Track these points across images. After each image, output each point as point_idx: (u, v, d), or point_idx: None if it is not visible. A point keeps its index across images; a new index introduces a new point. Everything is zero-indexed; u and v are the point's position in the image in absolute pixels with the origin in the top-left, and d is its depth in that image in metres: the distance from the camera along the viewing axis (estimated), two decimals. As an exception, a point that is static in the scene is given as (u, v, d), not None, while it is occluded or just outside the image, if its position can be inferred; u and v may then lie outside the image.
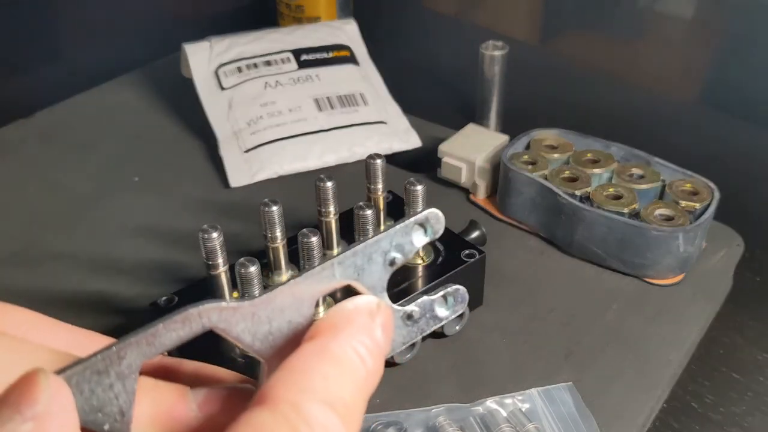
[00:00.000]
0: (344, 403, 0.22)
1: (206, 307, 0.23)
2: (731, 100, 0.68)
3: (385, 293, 0.26)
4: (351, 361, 0.23)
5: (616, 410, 0.40)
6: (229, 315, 0.23)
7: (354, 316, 0.24)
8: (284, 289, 0.24)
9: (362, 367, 0.23)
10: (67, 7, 0.76)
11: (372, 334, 0.24)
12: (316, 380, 0.22)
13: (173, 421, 0.24)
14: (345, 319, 0.24)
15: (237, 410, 0.21)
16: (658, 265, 0.48)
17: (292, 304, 0.24)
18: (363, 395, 0.23)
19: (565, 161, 0.54)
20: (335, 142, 0.62)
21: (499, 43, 0.64)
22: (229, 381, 0.27)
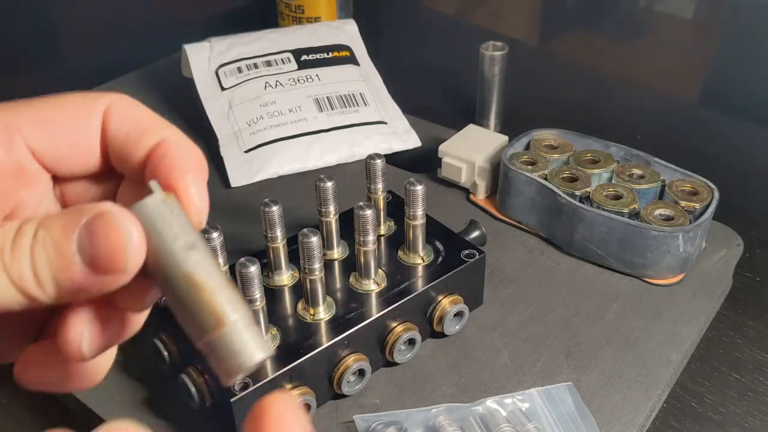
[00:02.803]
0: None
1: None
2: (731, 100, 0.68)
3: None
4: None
5: (616, 410, 0.40)
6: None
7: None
8: None
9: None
10: (67, 7, 0.76)
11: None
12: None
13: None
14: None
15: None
16: (658, 265, 0.48)
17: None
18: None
19: (565, 161, 0.54)
20: (335, 142, 0.62)
21: (499, 43, 0.64)
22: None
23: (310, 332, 0.40)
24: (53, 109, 0.25)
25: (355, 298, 0.42)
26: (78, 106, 0.25)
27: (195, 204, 0.24)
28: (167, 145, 0.25)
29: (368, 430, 0.39)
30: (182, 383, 0.38)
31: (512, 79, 0.65)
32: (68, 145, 0.25)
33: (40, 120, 0.25)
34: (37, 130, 0.24)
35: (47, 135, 0.25)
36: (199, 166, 0.25)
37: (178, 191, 0.24)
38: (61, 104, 0.25)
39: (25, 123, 0.24)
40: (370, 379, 0.41)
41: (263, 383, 0.37)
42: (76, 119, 0.25)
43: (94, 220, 0.21)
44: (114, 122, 0.25)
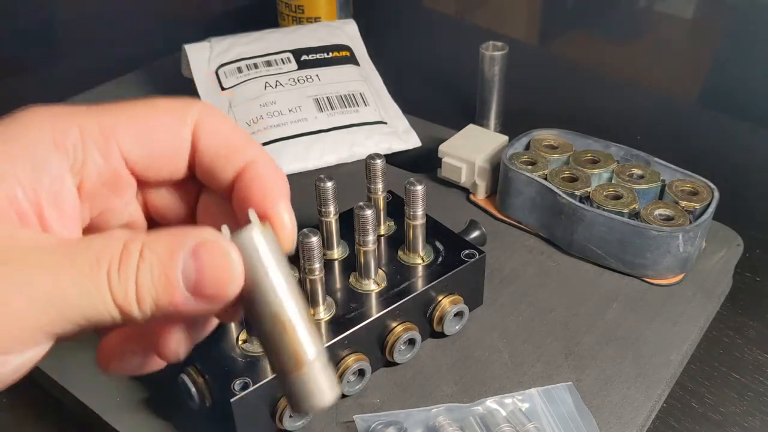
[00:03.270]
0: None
1: None
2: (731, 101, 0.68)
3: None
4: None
5: (616, 410, 0.40)
6: None
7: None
8: None
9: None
10: (67, 7, 0.76)
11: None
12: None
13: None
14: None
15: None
16: (658, 265, 0.48)
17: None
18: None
19: (565, 161, 0.54)
20: (335, 142, 0.62)
21: (499, 43, 0.64)
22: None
23: (310, 332, 0.40)
24: (148, 116, 0.25)
25: (355, 298, 0.42)
26: (171, 115, 0.25)
27: (288, 232, 0.25)
28: (257, 168, 0.25)
29: (368, 430, 0.39)
30: (182, 383, 0.38)
31: (512, 79, 0.65)
32: (161, 154, 0.25)
33: (136, 128, 0.25)
34: (134, 139, 0.25)
35: (142, 143, 0.25)
36: (286, 191, 0.25)
37: (273, 219, 0.24)
38: (155, 111, 0.25)
39: (122, 130, 0.25)
40: (370, 379, 0.41)
41: (263, 383, 0.37)
42: (170, 129, 0.25)
43: (201, 247, 0.22)
44: (205, 136, 0.26)
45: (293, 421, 0.38)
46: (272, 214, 0.24)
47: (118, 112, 0.25)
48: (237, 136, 0.26)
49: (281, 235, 0.24)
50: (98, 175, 0.25)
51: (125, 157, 0.25)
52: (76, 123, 0.24)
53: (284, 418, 0.38)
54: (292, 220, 0.25)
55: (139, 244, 0.22)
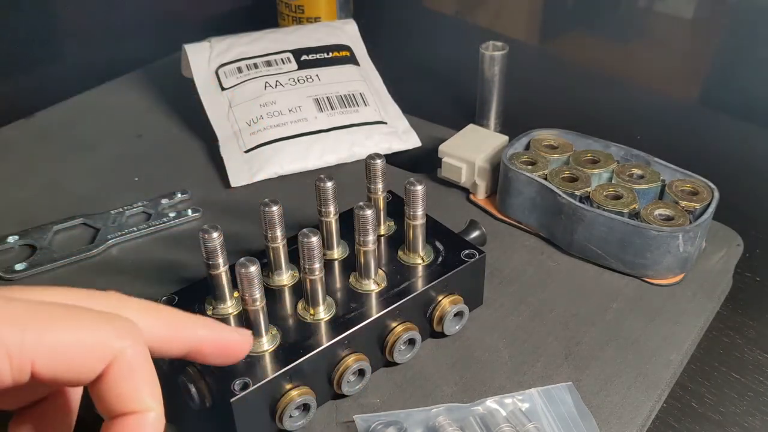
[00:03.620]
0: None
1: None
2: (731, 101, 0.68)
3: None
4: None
5: (616, 410, 0.40)
6: None
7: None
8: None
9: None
10: (67, 7, 0.76)
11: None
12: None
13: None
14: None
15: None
16: (658, 265, 0.48)
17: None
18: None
19: (565, 161, 0.54)
20: (335, 142, 0.62)
21: (499, 43, 0.64)
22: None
23: (310, 332, 0.40)
24: (72, 344, 0.26)
25: (355, 298, 0.42)
26: (93, 343, 0.26)
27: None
28: (141, 427, 0.27)
29: (368, 430, 0.39)
30: (182, 383, 0.38)
31: (512, 79, 0.65)
32: (69, 379, 0.26)
33: (55, 352, 0.25)
34: (49, 363, 0.25)
35: (57, 371, 0.26)
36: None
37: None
38: (77, 331, 0.26)
39: (41, 354, 0.25)
40: (370, 379, 0.41)
41: (263, 383, 0.37)
42: (85, 359, 0.26)
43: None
44: (113, 378, 0.27)
45: (293, 421, 0.38)
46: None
47: (44, 326, 0.25)
48: (140, 384, 0.27)
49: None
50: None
51: (34, 372, 0.25)
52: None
53: (284, 418, 0.38)
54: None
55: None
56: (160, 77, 0.75)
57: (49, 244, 0.53)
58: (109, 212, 0.56)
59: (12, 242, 0.53)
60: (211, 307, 0.42)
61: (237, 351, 0.34)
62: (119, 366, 0.27)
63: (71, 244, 0.53)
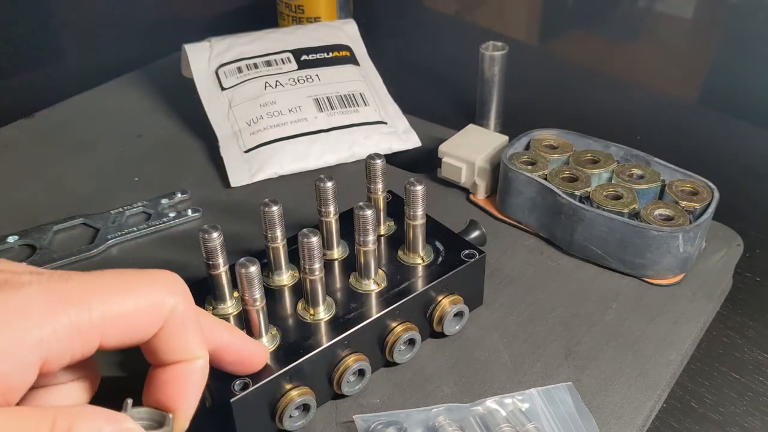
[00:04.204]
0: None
1: None
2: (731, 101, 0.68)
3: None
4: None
5: (616, 410, 0.40)
6: None
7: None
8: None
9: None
10: (68, 7, 0.76)
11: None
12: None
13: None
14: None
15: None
16: (658, 265, 0.48)
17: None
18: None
19: (565, 161, 0.54)
20: (335, 142, 0.62)
21: (499, 43, 0.64)
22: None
23: (310, 332, 0.40)
24: (132, 309, 0.27)
25: (355, 298, 0.42)
26: (150, 307, 0.28)
27: (183, 428, 0.30)
28: (189, 370, 0.29)
29: (368, 430, 0.39)
30: (182, 383, 0.38)
31: (512, 79, 0.65)
32: (131, 342, 0.28)
33: (120, 323, 0.27)
34: (116, 333, 0.27)
35: (122, 336, 0.27)
36: (200, 391, 0.30)
37: (178, 415, 0.29)
38: (138, 302, 0.28)
39: (109, 326, 0.27)
40: (370, 379, 0.41)
41: (263, 383, 0.37)
42: (146, 323, 0.28)
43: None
44: (167, 330, 0.28)
45: (293, 422, 0.38)
46: (180, 412, 0.29)
47: (106, 300, 0.27)
48: (191, 336, 0.29)
49: (175, 426, 0.29)
50: (69, 359, 0.26)
51: (101, 345, 0.27)
52: (67, 314, 0.25)
53: (284, 419, 0.38)
54: (188, 419, 0.30)
55: (67, 424, 0.24)
56: (160, 77, 0.75)
57: (49, 244, 0.53)
58: (109, 212, 0.56)
59: (12, 242, 0.53)
60: (211, 308, 0.42)
61: (255, 362, 0.35)
62: (173, 322, 0.28)
63: (71, 244, 0.53)
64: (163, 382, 0.29)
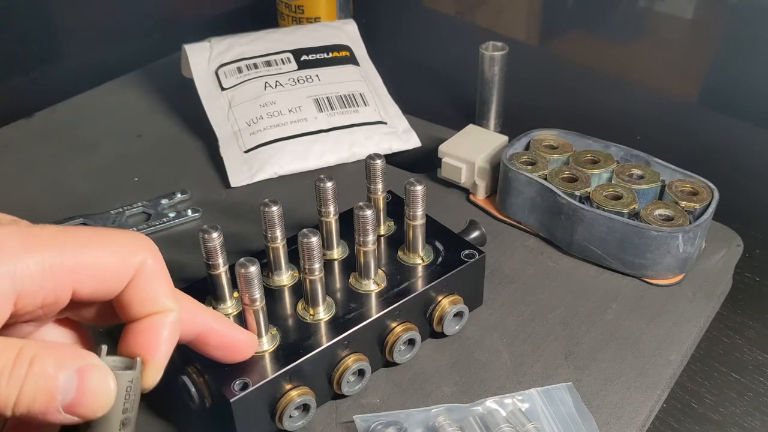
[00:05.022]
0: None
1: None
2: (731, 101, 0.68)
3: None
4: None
5: (616, 410, 0.40)
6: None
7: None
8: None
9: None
10: (68, 8, 0.76)
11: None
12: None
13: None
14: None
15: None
16: (658, 266, 0.48)
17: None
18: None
19: (565, 161, 0.54)
20: (335, 143, 0.62)
21: (499, 44, 0.64)
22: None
23: (309, 332, 0.40)
24: (104, 257, 0.28)
25: (355, 298, 0.42)
26: (123, 258, 0.29)
27: (152, 378, 0.29)
28: (161, 325, 0.29)
29: (368, 430, 0.39)
30: (182, 383, 0.38)
31: (512, 79, 0.65)
32: (104, 291, 0.28)
33: (92, 269, 0.28)
34: (88, 279, 0.28)
35: (94, 283, 0.28)
36: (172, 344, 0.30)
37: (148, 365, 0.29)
38: (109, 252, 0.28)
39: (81, 270, 0.27)
40: (370, 380, 0.41)
41: (263, 383, 0.37)
42: (118, 272, 0.28)
43: (86, 371, 0.25)
44: (138, 281, 0.29)
45: (293, 422, 0.38)
46: (151, 363, 0.29)
47: (79, 248, 0.27)
48: (161, 289, 0.30)
49: (146, 376, 0.29)
50: (42, 299, 0.27)
51: (75, 293, 0.27)
52: (40, 254, 0.26)
53: (284, 419, 0.38)
54: (160, 370, 0.29)
55: (31, 354, 0.24)
56: (160, 77, 0.75)
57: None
58: (109, 212, 0.56)
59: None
60: (211, 307, 0.42)
61: (241, 350, 0.35)
62: (142, 274, 0.29)
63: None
64: (135, 333, 0.29)
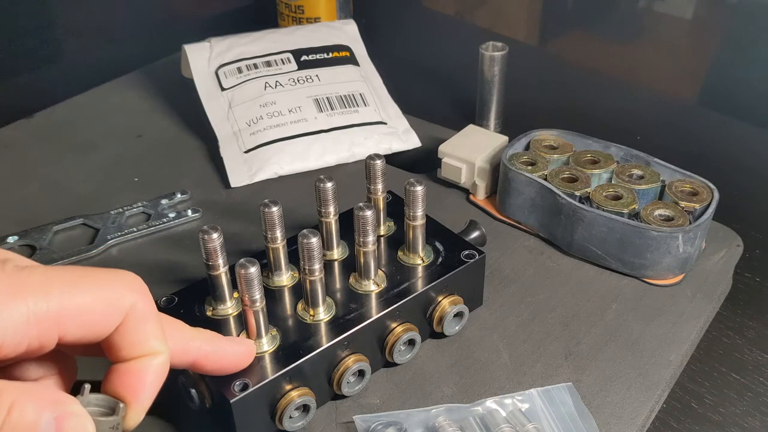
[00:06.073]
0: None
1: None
2: (731, 101, 0.68)
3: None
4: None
5: (616, 410, 0.40)
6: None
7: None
8: None
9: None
10: (67, 8, 0.76)
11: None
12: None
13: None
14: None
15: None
16: (658, 266, 0.48)
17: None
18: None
19: (565, 162, 0.54)
20: (335, 143, 0.62)
21: (499, 44, 0.64)
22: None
23: (309, 333, 0.40)
24: (91, 302, 0.28)
25: (355, 298, 0.42)
26: (110, 304, 0.28)
27: (134, 422, 0.29)
28: (147, 369, 0.29)
29: (368, 431, 0.39)
30: (182, 384, 0.38)
31: (512, 79, 0.65)
32: (91, 337, 0.28)
33: (80, 316, 0.27)
34: (75, 325, 0.27)
35: (81, 329, 0.28)
36: (157, 387, 0.30)
37: (131, 407, 0.29)
38: (96, 297, 0.28)
39: (66, 316, 0.27)
40: (370, 380, 0.41)
41: (263, 384, 0.37)
42: (106, 318, 0.28)
43: (65, 418, 0.25)
44: (126, 327, 0.29)
45: (293, 422, 0.38)
46: (134, 405, 0.29)
47: (66, 293, 0.27)
48: (150, 332, 0.29)
49: (128, 418, 0.29)
50: (26, 347, 0.26)
51: (61, 338, 0.27)
52: (25, 302, 0.26)
53: (284, 419, 0.38)
54: (142, 413, 0.29)
55: (10, 401, 0.24)
56: (160, 77, 0.75)
57: (48, 244, 0.53)
58: (109, 212, 0.56)
59: (12, 242, 0.53)
60: (211, 308, 0.42)
61: (240, 363, 0.35)
62: (131, 318, 0.29)
63: (71, 245, 0.53)
64: (121, 374, 0.29)
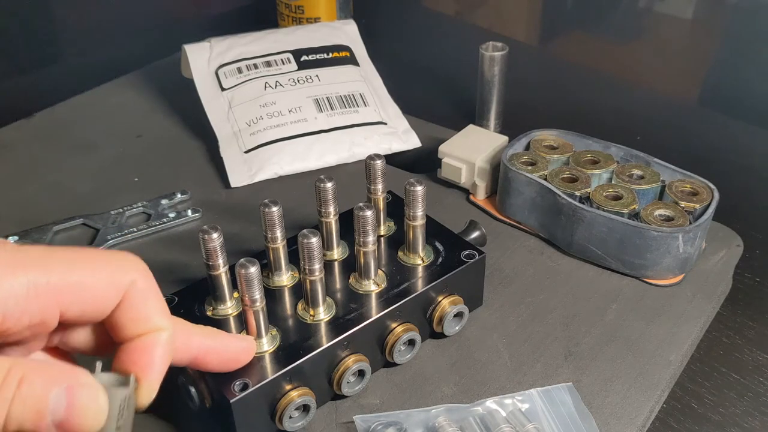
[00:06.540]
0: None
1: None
2: (731, 101, 0.68)
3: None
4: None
5: (616, 410, 0.41)
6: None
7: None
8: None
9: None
10: (68, 8, 0.76)
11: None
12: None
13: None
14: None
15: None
16: (658, 266, 0.48)
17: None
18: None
19: (565, 162, 0.54)
20: (335, 143, 0.62)
21: (499, 44, 0.64)
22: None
23: (309, 333, 0.40)
24: (90, 277, 0.28)
25: (355, 298, 0.42)
26: (111, 279, 0.28)
27: (146, 397, 0.29)
28: (154, 345, 0.29)
29: (368, 431, 0.39)
30: (182, 383, 0.38)
31: (512, 79, 0.65)
32: (92, 312, 0.28)
33: (79, 291, 0.27)
34: (74, 299, 0.27)
35: (81, 304, 0.28)
36: (166, 363, 0.30)
37: (142, 384, 0.29)
38: (95, 272, 0.28)
39: (67, 290, 0.27)
40: (370, 380, 0.41)
41: (263, 384, 0.37)
42: (106, 293, 0.28)
43: (76, 389, 0.25)
44: (128, 301, 0.29)
45: (293, 422, 0.38)
46: (145, 381, 0.29)
47: (66, 268, 0.27)
48: (152, 309, 0.29)
49: (140, 395, 0.29)
50: (28, 320, 0.27)
51: (63, 315, 0.27)
52: (26, 275, 0.26)
53: (284, 419, 0.38)
54: (154, 389, 0.29)
55: (20, 374, 0.24)
56: (160, 77, 0.75)
57: (49, 244, 0.53)
58: (109, 212, 0.56)
59: (12, 242, 0.53)
60: (211, 308, 0.42)
61: (241, 359, 0.35)
62: (133, 294, 0.29)
63: (71, 245, 0.53)
64: (128, 352, 0.29)
